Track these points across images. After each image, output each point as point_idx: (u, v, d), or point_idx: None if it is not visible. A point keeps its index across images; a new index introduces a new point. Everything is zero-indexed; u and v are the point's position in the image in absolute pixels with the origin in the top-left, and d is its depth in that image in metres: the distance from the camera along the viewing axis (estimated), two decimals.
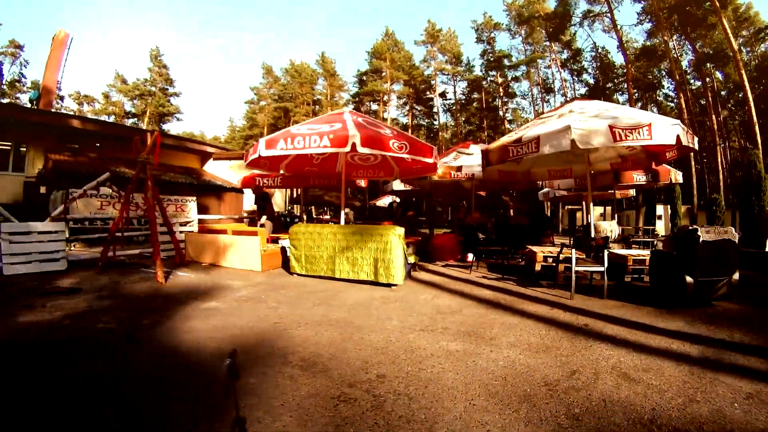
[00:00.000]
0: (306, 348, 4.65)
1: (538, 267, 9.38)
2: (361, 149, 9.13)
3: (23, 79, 66.97)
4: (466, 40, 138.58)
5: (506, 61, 64.03)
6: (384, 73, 69.97)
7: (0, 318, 6.15)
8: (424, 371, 3.90)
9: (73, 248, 12.80)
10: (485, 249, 11.65)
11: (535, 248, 10.04)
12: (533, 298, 7.38)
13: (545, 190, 19.70)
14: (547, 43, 59.58)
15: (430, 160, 10.36)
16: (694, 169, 37.59)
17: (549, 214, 28.61)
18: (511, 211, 23.63)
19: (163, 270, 8.98)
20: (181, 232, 12.77)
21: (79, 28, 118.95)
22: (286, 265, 10.90)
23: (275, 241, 12.49)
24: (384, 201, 27.97)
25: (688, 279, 6.59)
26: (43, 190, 18.11)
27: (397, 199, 25.69)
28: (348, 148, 9.01)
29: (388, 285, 8.43)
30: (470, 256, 11.21)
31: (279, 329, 5.43)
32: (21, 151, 21.62)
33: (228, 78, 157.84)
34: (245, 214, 23.85)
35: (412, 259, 10.79)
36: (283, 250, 11.40)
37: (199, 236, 12.28)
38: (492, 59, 65.03)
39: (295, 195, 30.01)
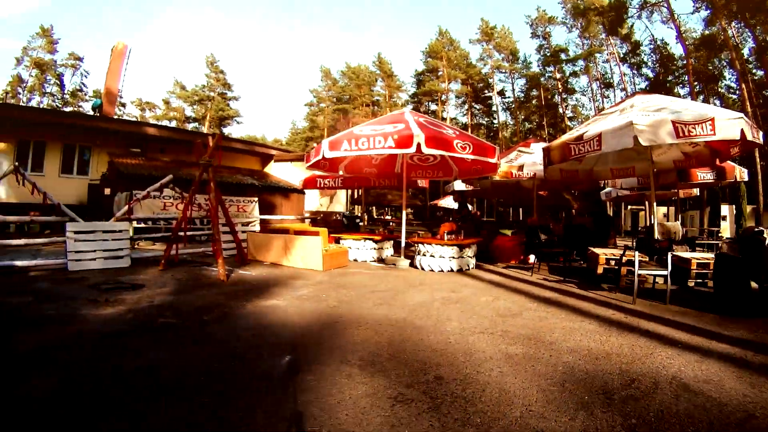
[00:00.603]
0: (365, 347, 4.68)
1: (599, 270, 9.13)
2: (426, 150, 9.11)
3: (84, 89, 71.39)
4: (521, 36, 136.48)
5: (563, 56, 62.32)
6: (441, 73, 69.57)
7: (65, 311, 6.43)
8: (482, 374, 3.86)
9: (137, 246, 13.27)
10: (547, 251, 11.44)
11: (597, 250, 9.78)
12: (594, 301, 7.24)
13: (607, 189, 19.18)
14: (605, 37, 57.58)
15: (493, 160, 10.31)
16: (759, 166, 34.82)
17: (611, 215, 27.91)
18: (573, 211, 23.13)
19: (225, 268, 9.21)
20: (243, 231, 13.02)
21: (138, 39, 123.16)
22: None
23: (337, 241, 12.60)
24: (445, 201, 27.74)
25: (753, 284, 6.35)
26: (107, 191, 18.82)
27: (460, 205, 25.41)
28: (413, 149, 9.01)
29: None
30: (531, 258, 11.05)
31: (339, 328, 5.48)
32: (85, 156, 22.55)
33: (288, 81, 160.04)
34: (307, 214, 24.11)
35: (472, 262, 10.80)
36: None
37: (261, 236, 12.48)
38: (548, 54, 63.56)
39: (356, 195, 30.21)
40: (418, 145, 9.06)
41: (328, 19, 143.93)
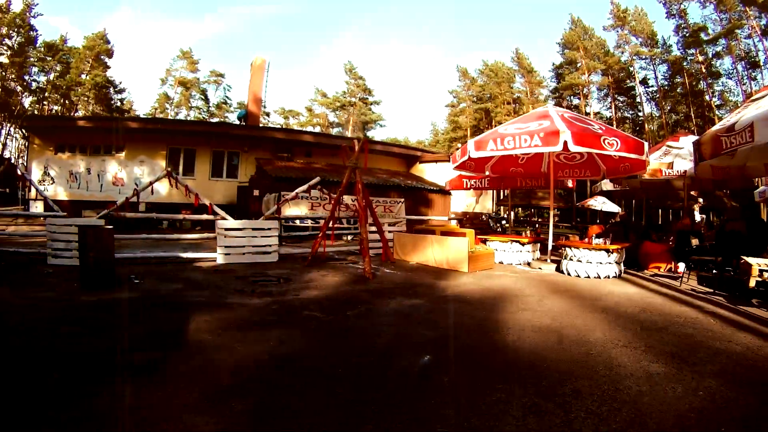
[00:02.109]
0: (505, 354, 4.71)
1: (752, 283, 8.03)
2: (573, 147, 8.88)
3: (229, 101, 78.44)
4: (656, 16, 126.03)
5: (703, 35, 55.22)
6: (579, 64, 65.76)
7: (213, 299, 7.10)
8: (620, 392, 3.73)
9: (284, 244, 13.96)
10: (697, 258, 10.74)
11: (750, 260, 9.09)
12: (745, 317, 6.67)
13: (761, 188, 17.29)
14: (742, 8, 50.15)
15: (641, 157, 9.80)
16: None
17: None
18: (724, 215, 21.35)
19: (371, 266, 9.55)
20: (389, 231, 13.37)
21: (276, 54, 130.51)
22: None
23: (483, 242, 12.57)
24: (594, 202, 26.63)
25: None
26: (255, 193, 19.93)
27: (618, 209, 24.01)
28: (559, 147, 8.82)
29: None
30: (681, 266, 10.37)
31: (480, 332, 5.53)
32: (233, 161, 24.28)
33: (426, 83, 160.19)
34: (453, 215, 24.23)
35: (619, 268, 10.35)
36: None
37: (407, 236, 12.79)
38: (687, 35, 56.71)
39: (502, 196, 29.96)
40: (565, 142, 8.82)
41: (461, 16, 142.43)
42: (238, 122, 33.19)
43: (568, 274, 10.40)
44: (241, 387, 3.81)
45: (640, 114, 66.36)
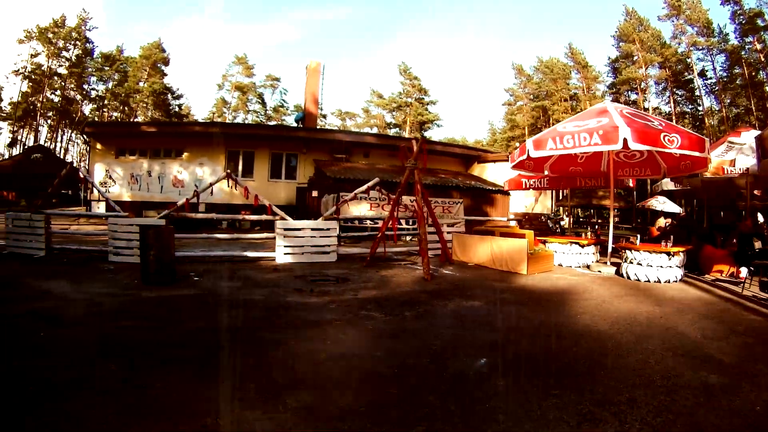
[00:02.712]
0: (561, 359, 4.70)
1: None
2: (633, 145, 8.70)
3: (285, 104, 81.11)
4: (710, 3, 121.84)
5: (760, 21, 52.16)
6: (636, 57, 63.74)
7: (272, 297, 7.35)
8: (676, 403, 3.65)
9: (343, 244, 14.16)
10: (759, 263, 10.31)
11: None
12: None
13: None
14: None
15: (702, 154, 9.45)
16: None
17: None
18: None
19: (429, 267, 9.58)
20: (448, 232, 13.42)
21: (331, 57, 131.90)
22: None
23: (542, 243, 12.47)
24: (655, 202, 25.71)
25: None
26: (314, 194, 20.22)
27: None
28: (619, 145, 8.65)
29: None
30: (743, 271, 9.92)
31: (538, 335, 5.55)
32: (292, 163, 24.73)
33: (482, 82, 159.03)
34: (512, 216, 24.08)
35: (680, 272, 10.04)
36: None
37: (466, 237, 12.82)
38: (744, 21, 54.04)
39: (561, 197, 29.60)
40: (624, 140, 8.63)
41: (513, 12, 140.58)
42: (295, 125, 33.69)
43: (628, 277, 10.17)
44: (294, 383, 3.93)
45: (700, 108, 63.68)
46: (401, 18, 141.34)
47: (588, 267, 11.87)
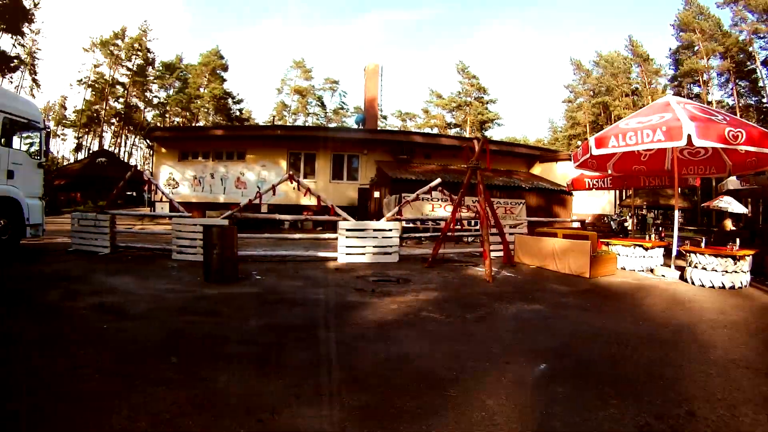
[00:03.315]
0: (621, 367, 4.65)
1: None
2: (697, 142, 8.39)
3: (345, 106, 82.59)
4: None
5: None
6: (697, 47, 61.21)
7: (333, 297, 7.57)
8: (735, 419, 3.55)
9: (405, 245, 14.25)
10: None
11: None
12: None
13: None
14: None
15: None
16: None
17: None
18: None
19: (491, 269, 9.57)
20: (510, 234, 13.35)
21: (389, 58, 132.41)
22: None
23: (606, 245, 12.28)
24: (721, 202, 24.44)
25: None
26: (376, 194, 20.40)
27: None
28: (683, 141, 8.39)
29: None
30: None
31: (598, 342, 5.47)
32: (353, 164, 25.01)
33: (541, 78, 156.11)
34: (574, 217, 23.77)
35: (747, 278, 9.64)
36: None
37: (528, 238, 12.68)
38: None
39: (624, 197, 28.99)
40: (689, 136, 8.32)
41: (570, 5, 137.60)
42: (356, 126, 33.98)
43: (692, 282, 9.88)
44: (353, 383, 4.04)
45: (764, 100, 60.35)
46: (462, 17, 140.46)
47: (652, 271, 11.58)
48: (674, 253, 11.22)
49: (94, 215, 13.12)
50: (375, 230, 12.12)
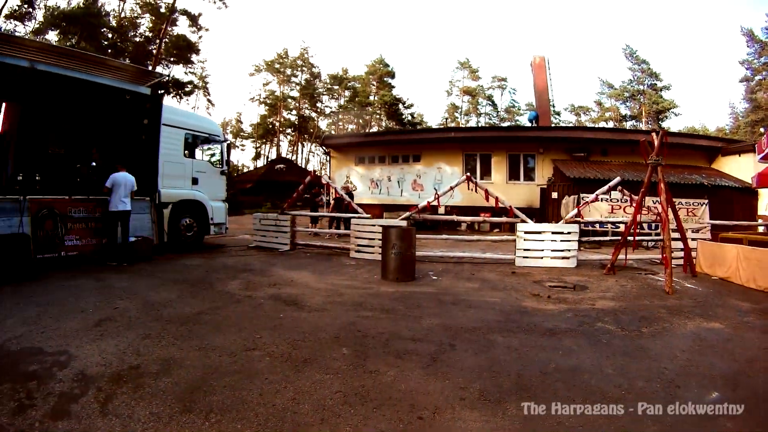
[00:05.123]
0: None
1: None
2: None
3: (516, 104, 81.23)
4: None
5: None
6: None
7: (508, 301, 7.56)
8: None
9: (582, 249, 13.74)
10: None
11: None
12: None
13: None
14: None
15: None
16: None
17: None
18: None
19: (671, 279, 8.79)
20: (692, 239, 11.97)
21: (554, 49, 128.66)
22: None
23: None
24: None
25: None
26: (554, 195, 19.89)
27: None
28: None
29: None
30: None
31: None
32: (529, 164, 24.71)
33: (714, 55, 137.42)
34: (760, 221, 21.40)
35: None
36: None
37: (710, 245, 11.30)
38: None
39: None
40: None
41: None
42: (529, 124, 33.38)
43: None
44: (518, 390, 3.99)
45: None
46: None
47: None
48: None
49: (275, 215, 14.66)
50: (553, 233, 11.75)
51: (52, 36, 43.26)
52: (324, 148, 31.70)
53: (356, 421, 3.40)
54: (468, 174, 13.03)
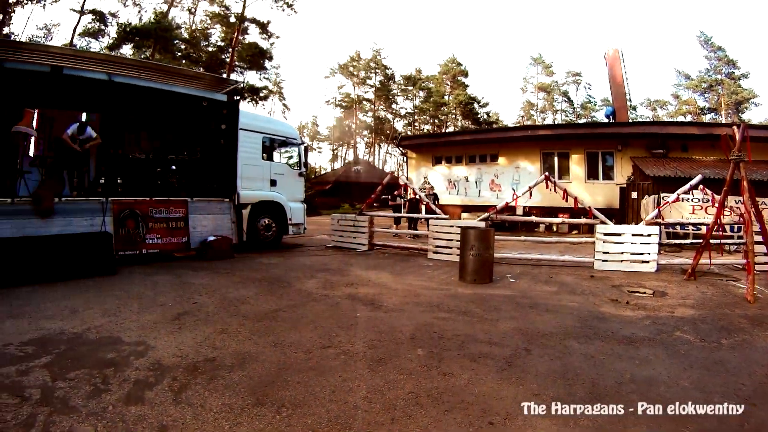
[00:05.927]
0: None
1: None
2: None
3: (592, 99, 78.49)
4: None
5: None
6: None
7: (584, 307, 7.44)
8: None
9: (663, 252, 13.27)
10: None
11: None
12: None
13: None
14: None
15: None
16: None
17: None
18: None
19: (754, 286, 8.33)
20: None
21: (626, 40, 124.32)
22: None
23: None
24: None
25: None
26: (633, 195, 19.44)
27: None
28: None
29: None
30: None
31: None
32: (608, 162, 24.18)
33: None
34: None
35: None
36: None
37: None
38: None
39: None
40: None
41: None
42: (606, 120, 32.49)
43: None
44: (593, 399, 3.89)
45: None
46: None
47: None
48: None
49: (353, 216, 15.08)
50: (633, 235, 11.39)
51: (127, 50, 45.75)
52: (400, 149, 31.86)
53: (426, 423, 3.46)
54: (546, 173, 12.85)
